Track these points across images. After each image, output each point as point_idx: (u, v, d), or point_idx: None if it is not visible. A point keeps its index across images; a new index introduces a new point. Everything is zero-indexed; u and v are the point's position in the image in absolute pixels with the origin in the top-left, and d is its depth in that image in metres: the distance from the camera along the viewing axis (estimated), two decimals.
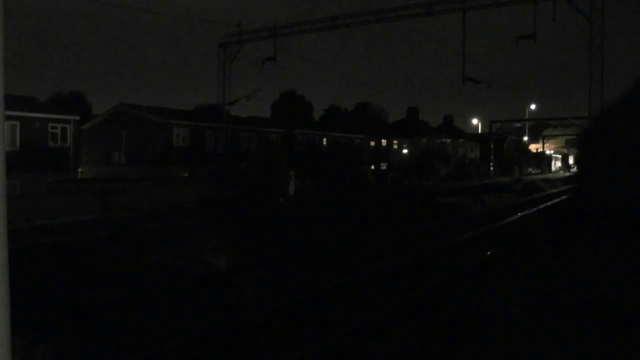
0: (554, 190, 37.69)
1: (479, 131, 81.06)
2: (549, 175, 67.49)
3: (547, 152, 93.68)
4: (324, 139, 52.18)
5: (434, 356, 6.68)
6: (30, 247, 12.02)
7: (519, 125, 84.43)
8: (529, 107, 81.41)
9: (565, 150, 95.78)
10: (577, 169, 26.23)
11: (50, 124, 33.55)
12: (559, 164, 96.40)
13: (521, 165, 70.62)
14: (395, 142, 62.35)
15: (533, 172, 74.64)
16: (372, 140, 58.89)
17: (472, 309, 8.22)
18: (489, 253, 13.45)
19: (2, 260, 1.91)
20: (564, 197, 28.95)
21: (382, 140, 60.43)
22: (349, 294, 9.44)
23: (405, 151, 62.06)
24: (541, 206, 25.23)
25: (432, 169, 51.21)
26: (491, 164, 62.90)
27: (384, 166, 56.54)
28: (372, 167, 53.83)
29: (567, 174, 64.66)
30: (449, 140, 67.11)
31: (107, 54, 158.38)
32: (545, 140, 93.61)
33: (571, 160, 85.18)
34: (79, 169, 37.79)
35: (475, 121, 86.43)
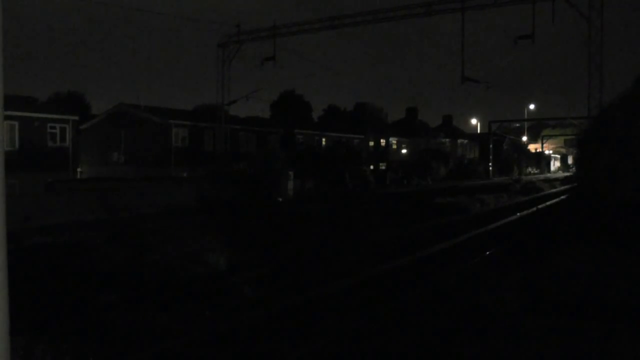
0: (553, 190, 37.68)
1: (478, 131, 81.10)
2: (548, 175, 67.56)
3: (546, 152, 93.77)
4: (323, 139, 52.22)
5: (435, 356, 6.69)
6: (29, 248, 12.02)
7: (517, 125, 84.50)
8: (528, 107, 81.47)
9: (564, 150, 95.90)
10: (576, 168, 26.24)
11: (49, 124, 33.54)
12: (558, 164, 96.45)
13: (520, 165, 70.72)
14: (394, 142, 62.38)
15: (532, 172, 74.71)
16: (371, 140, 58.92)
17: (471, 309, 8.22)
18: (487, 253, 13.47)
19: (2, 261, 1.90)
20: (563, 197, 28.94)
21: (381, 140, 60.46)
22: (346, 296, 9.44)
23: (404, 151, 62.09)
24: (540, 206, 25.22)
25: (431, 169, 51.28)
26: (490, 164, 62.95)
27: (383, 166, 56.58)
28: (371, 167, 53.85)
29: (566, 174, 64.69)
30: (448, 140, 67.15)
31: (106, 54, 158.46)
32: (544, 140, 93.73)
33: (570, 160, 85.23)
34: (78, 169, 37.79)
35: (474, 121, 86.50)
